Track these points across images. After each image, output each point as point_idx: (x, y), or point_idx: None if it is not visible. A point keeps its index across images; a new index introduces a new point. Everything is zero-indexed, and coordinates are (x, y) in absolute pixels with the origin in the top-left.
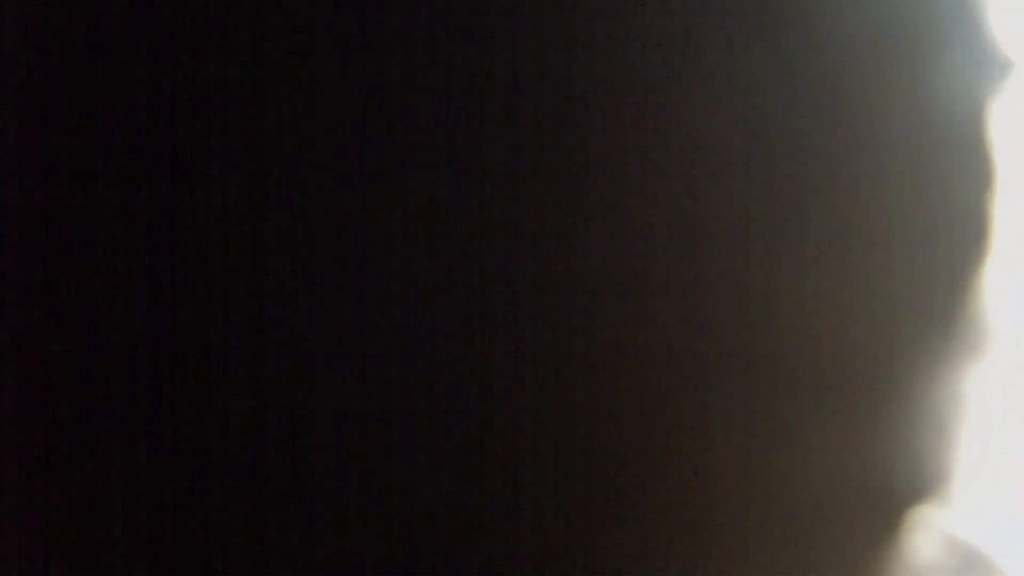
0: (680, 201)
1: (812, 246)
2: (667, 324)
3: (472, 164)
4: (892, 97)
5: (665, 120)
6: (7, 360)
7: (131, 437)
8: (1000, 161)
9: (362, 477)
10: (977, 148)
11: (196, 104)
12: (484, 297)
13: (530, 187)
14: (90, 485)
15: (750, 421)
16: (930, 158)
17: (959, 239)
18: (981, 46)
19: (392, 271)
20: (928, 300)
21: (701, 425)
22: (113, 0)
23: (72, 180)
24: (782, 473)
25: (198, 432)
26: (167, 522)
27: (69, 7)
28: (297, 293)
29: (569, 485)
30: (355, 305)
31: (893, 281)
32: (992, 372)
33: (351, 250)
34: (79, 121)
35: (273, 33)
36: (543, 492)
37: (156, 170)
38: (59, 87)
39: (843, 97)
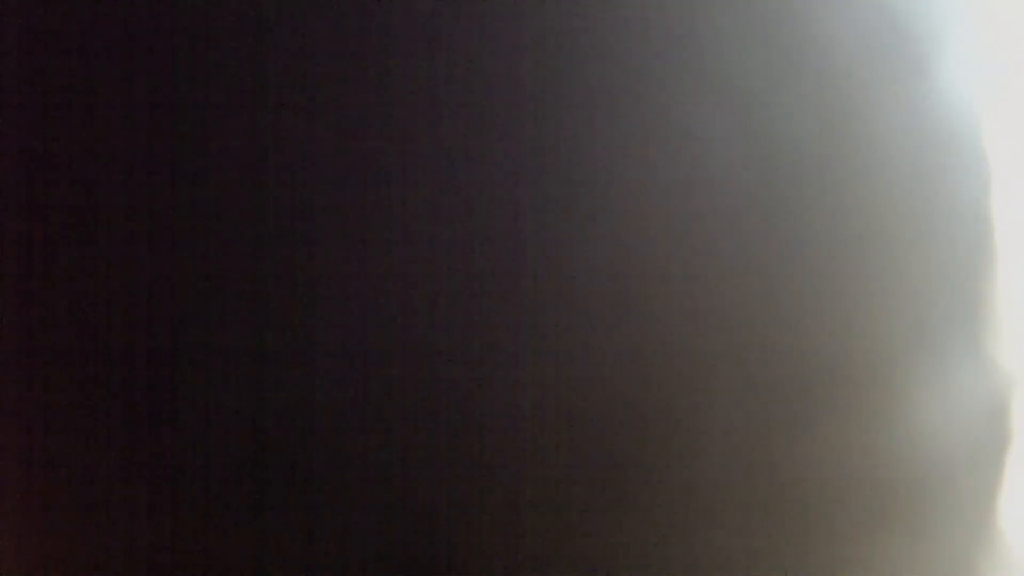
0: (679, 201)
1: (812, 246)
2: (666, 323)
3: (470, 163)
4: (892, 97)
5: (664, 120)
6: (7, 360)
7: (131, 437)
8: (1000, 161)
9: (362, 477)
10: (977, 148)
11: (196, 104)
12: (483, 296)
13: (529, 187)
14: (90, 485)
15: (751, 420)
16: (930, 158)
17: (959, 239)
18: (981, 46)
19: (392, 271)
20: (928, 299)
21: (701, 424)
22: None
23: (72, 180)
24: (783, 472)
25: (198, 432)
26: (167, 522)
27: (69, 7)
28: (297, 293)
29: (569, 485)
30: (355, 305)
31: (893, 280)
32: (993, 370)
33: (351, 250)
34: (79, 121)
35: (273, 33)
36: (543, 492)
37: (156, 170)
38: (59, 87)
39: (843, 97)
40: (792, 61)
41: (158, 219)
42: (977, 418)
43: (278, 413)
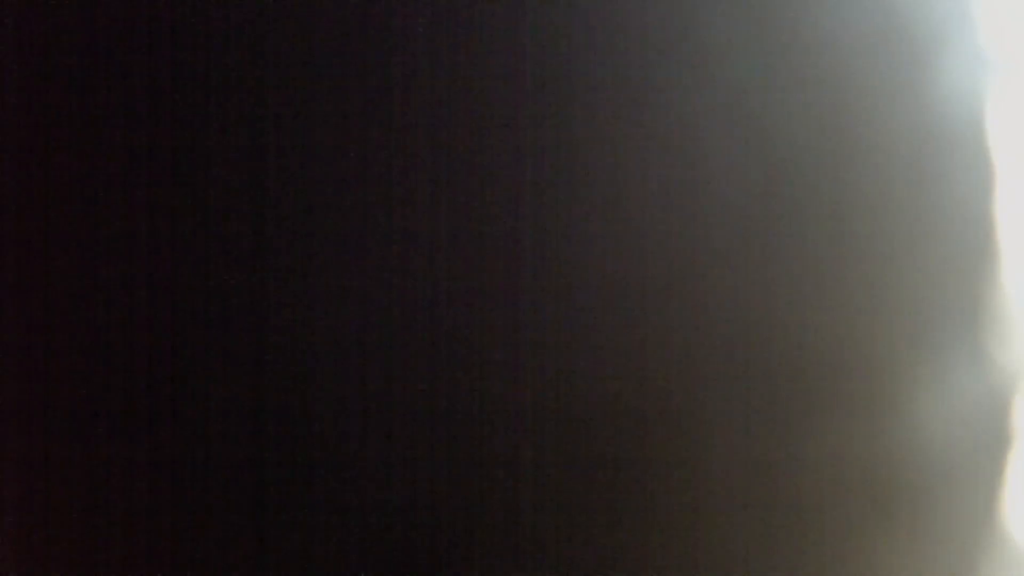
0: (679, 201)
1: (812, 246)
2: (666, 323)
3: (471, 164)
4: (892, 98)
5: (664, 120)
6: (7, 360)
7: (131, 437)
8: (1000, 162)
9: (362, 477)
10: (977, 149)
11: (196, 104)
12: (483, 297)
13: (529, 187)
14: (90, 485)
15: (751, 420)
16: (930, 158)
17: (959, 239)
18: (981, 46)
19: (392, 271)
20: (928, 300)
21: (701, 424)
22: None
23: (72, 180)
24: (783, 472)
25: (198, 432)
26: (167, 522)
27: (69, 7)
28: (297, 292)
29: (569, 485)
30: (355, 305)
31: (893, 280)
32: (993, 370)
33: (351, 250)
34: (79, 121)
35: (273, 33)
36: (543, 492)
37: (156, 170)
38: (59, 87)
39: (843, 98)
40: (793, 61)
41: (158, 219)
42: (977, 418)
43: (278, 413)
